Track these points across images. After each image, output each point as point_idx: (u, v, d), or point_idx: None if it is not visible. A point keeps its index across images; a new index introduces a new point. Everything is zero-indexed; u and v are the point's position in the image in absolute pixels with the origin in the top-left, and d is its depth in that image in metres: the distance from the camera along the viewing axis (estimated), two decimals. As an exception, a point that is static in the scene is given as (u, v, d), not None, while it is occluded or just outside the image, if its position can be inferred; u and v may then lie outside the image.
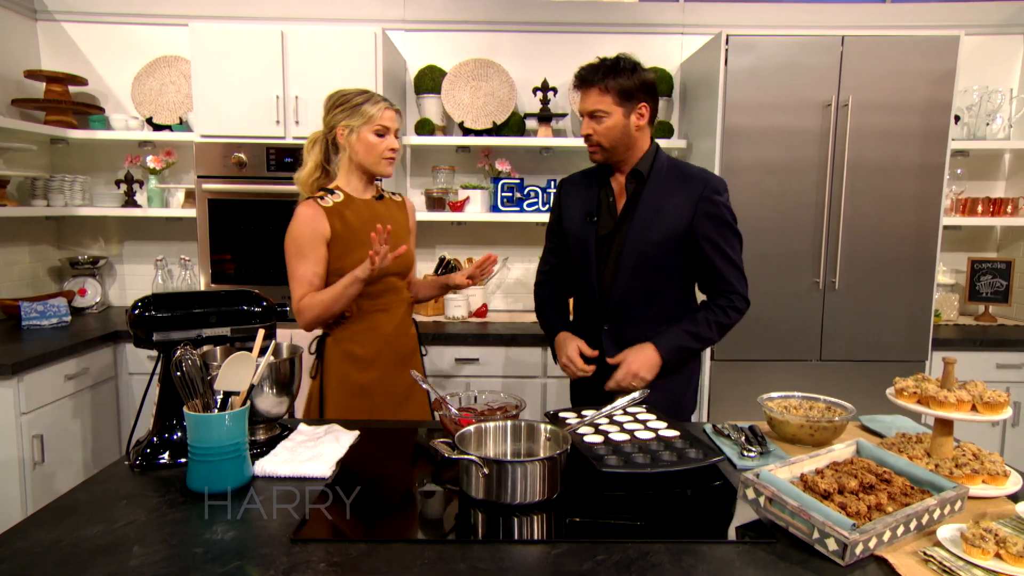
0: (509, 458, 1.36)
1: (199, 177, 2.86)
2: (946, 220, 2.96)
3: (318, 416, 1.93)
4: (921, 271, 2.85)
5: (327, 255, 1.86)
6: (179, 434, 1.43)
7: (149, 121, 3.34)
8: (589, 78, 1.76)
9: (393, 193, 2.07)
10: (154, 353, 2.87)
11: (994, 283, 3.33)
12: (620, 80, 1.74)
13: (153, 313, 1.43)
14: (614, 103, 1.75)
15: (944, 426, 1.35)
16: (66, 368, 2.64)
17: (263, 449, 1.46)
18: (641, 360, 1.78)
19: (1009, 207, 3.26)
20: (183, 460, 1.38)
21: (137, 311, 1.43)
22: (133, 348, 2.94)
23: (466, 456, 1.22)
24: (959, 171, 3.43)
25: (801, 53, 2.74)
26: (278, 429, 1.56)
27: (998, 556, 1.02)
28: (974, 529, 1.06)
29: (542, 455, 1.33)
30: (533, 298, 2.11)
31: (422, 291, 2.13)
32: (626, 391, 1.78)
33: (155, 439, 1.42)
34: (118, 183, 3.35)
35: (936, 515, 1.14)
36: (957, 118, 3.20)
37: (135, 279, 3.55)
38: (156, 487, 1.29)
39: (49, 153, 3.42)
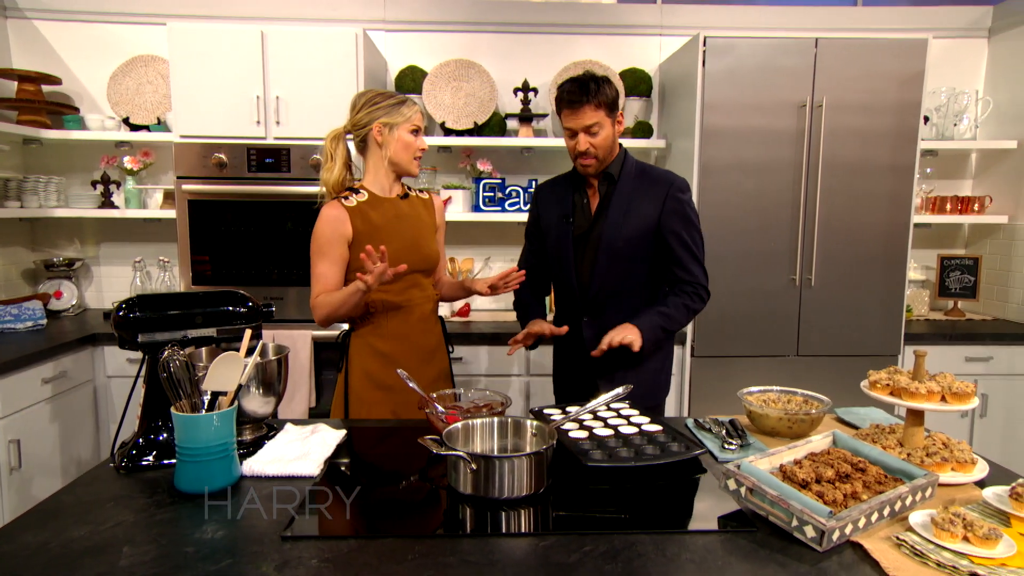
0: (496, 454, 1.38)
1: (178, 178, 2.83)
2: (917, 218, 3.05)
3: (343, 411, 1.94)
4: (893, 268, 2.92)
5: (347, 255, 1.89)
6: (164, 435, 1.43)
7: (126, 121, 3.30)
8: (581, 98, 1.85)
9: (421, 190, 2.09)
10: (134, 355, 2.88)
11: (962, 279, 3.43)
12: (607, 94, 1.86)
13: (138, 314, 1.43)
14: (605, 115, 1.87)
15: (915, 416, 1.40)
16: (43, 372, 2.60)
17: (250, 449, 1.46)
18: (625, 329, 1.86)
19: (976, 205, 3.36)
20: (167, 462, 1.38)
21: (122, 312, 1.42)
22: (112, 351, 2.91)
23: (454, 452, 1.24)
24: (928, 170, 3.52)
25: (776, 55, 2.80)
26: (264, 429, 1.57)
27: (965, 539, 1.06)
28: (943, 514, 1.10)
29: (528, 450, 1.35)
30: (513, 294, 2.19)
31: (447, 291, 2.16)
32: (609, 385, 1.85)
33: (140, 440, 1.41)
34: (94, 184, 3.31)
35: (908, 502, 1.18)
36: (926, 119, 3.29)
37: (112, 281, 3.51)
38: (143, 488, 1.29)
39: (22, 153, 3.36)
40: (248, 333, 1.39)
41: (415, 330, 1.97)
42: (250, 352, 1.37)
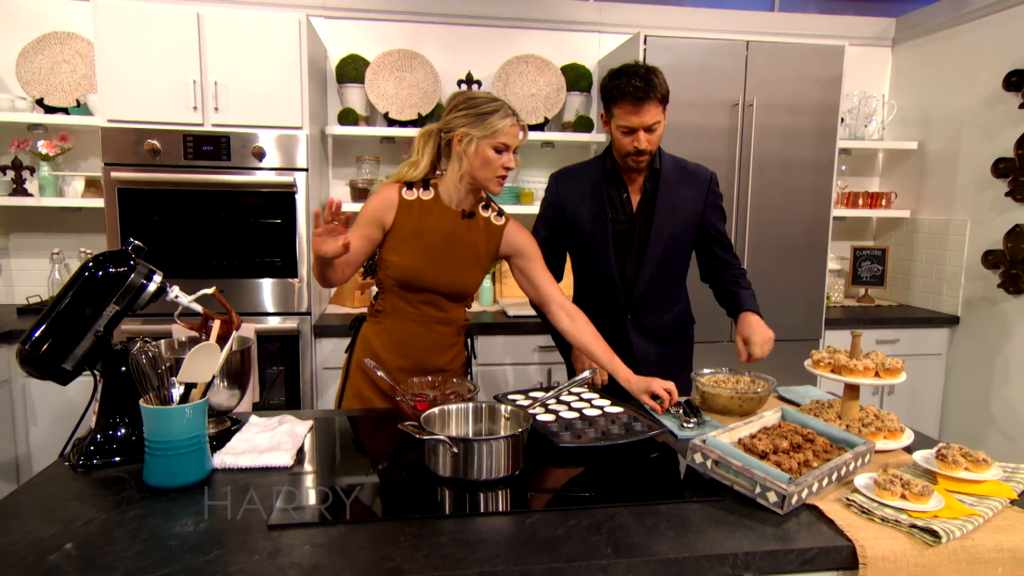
0: (472, 437, 1.41)
1: (106, 165, 2.67)
2: (834, 212, 3.28)
3: (339, 397, 1.91)
4: (815, 258, 3.15)
5: (378, 238, 1.79)
6: (123, 431, 1.37)
7: (39, 103, 3.08)
8: (648, 93, 1.74)
9: (500, 214, 1.87)
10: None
11: (872, 268, 3.72)
12: (664, 87, 1.78)
13: (52, 344, 1.32)
14: (663, 110, 1.81)
15: (852, 391, 1.54)
16: (-46, 372, 2.41)
17: (215, 443, 1.42)
18: (761, 326, 1.89)
19: (884, 200, 3.66)
20: (118, 459, 1.33)
21: (29, 346, 1.31)
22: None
23: (435, 436, 1.26)
24: (843, 167, 3.80)
25: (712, 55, 2.94)
26: (228, 423, 1.53)
27: (903, 497, 1.19)
28: (884, 476, 1.23)
29: (503, 434, 1.39)
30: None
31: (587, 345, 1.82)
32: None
33: (99, 437, 1.35)
34: (4, 170, 3.06)
35: (852, 467, 1.31)
36: (842, 120, 3.54)
37: (25, 275, 3.27)
38: (108, 485, 1.24)
39: (-82, 135, 3.08)
40: (217, 323, 1.36)
41: (415, 345, 1.84)
42: (220, 341, 1.34)
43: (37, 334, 1.31)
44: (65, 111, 3.07)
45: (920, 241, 3.60)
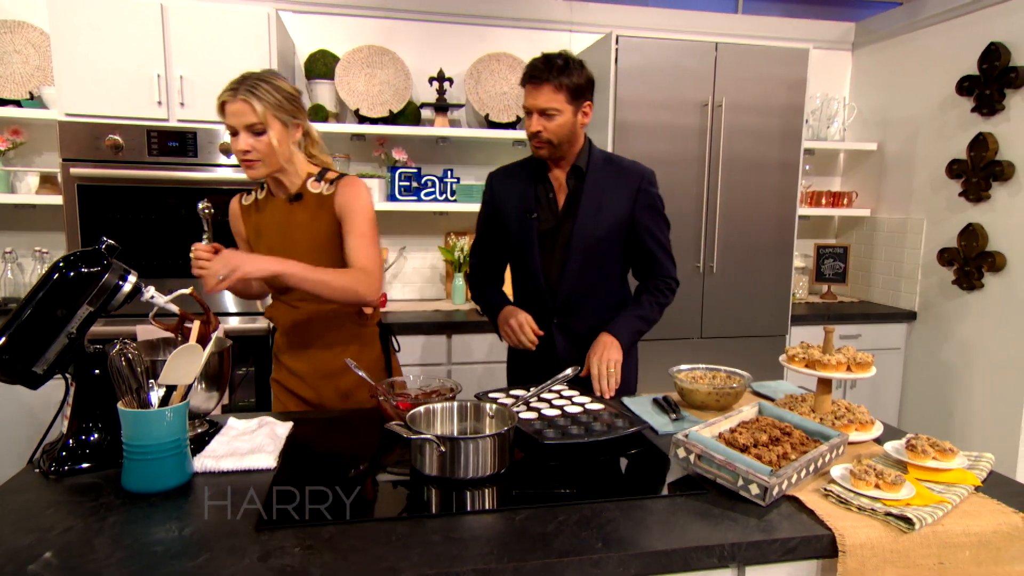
0: (459, 436, 1.41)
1: (65, 160, 2.58)
2: (799, 211, 3.37)
3: (267, 406, 1.89)
4: (781, 256, 3.23)
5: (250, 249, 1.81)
6: (96, 435, 1.33)
7: (-10, 94, 2.95)
8: (542, 76, 1.73)
9: (333, 182, 1.72)
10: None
11: (834, 265, 3.84)
12: (573, 78, 1.74)
13: (21, 347, 1.27)
14: (566, 101, 1.75)
15: (825, 385, 1.59)
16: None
17: (193, 446, 1.39)
18: (605, 345, 1.81)
19: (845, 200, 3.78)
20: (92, 465, 1.29)
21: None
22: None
23: (423, 436, 1.26)
24: (807, 167, 3.90)
25: (682, 56, 2.99)
26: (205, 426, 1.50)
27: (877, 486, 1.23)
28: (858, 467, 1.27)
29: (488, 432, 1.39)
30: (467, 284, 2.12)
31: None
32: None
33: (71, 442, 1.31)
34: (-47, 165, 2.94)
35: (827, 459, 1.35)
36: (806, 120, 3.63)
37: (-25, 274, 3.13)
38: (82, 491, 1.20)
39: None
40: (197, 323, 1.33)
41: (309, 346, 1.81)
42: (200, 341, 1.31)
43: (5, 336, 1.26)
44: (17, 103, 2.96)
45: (880, 239, 3.73)
